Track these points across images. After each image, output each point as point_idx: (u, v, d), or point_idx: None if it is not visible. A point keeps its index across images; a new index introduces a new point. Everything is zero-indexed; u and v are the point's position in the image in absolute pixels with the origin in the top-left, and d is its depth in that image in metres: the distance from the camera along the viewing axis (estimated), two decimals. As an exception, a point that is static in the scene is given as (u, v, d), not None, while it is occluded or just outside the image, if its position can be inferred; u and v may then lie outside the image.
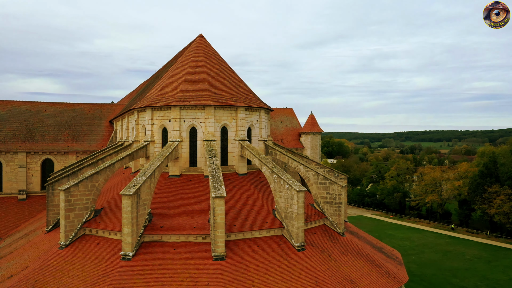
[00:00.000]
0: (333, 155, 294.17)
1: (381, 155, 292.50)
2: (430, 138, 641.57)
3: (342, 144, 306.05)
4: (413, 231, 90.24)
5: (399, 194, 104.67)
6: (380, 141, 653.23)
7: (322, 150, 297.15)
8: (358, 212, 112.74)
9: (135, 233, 27.67)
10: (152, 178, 29.91)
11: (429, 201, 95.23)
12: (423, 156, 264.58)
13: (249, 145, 35.21)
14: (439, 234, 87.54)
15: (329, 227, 34.50)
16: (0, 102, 52.43)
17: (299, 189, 29.51)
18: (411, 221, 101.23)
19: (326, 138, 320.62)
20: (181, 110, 34.82)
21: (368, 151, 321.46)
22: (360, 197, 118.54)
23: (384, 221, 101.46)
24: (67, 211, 30.04)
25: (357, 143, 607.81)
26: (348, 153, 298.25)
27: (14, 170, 48.64)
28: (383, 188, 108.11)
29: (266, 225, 30.61)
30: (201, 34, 41.96)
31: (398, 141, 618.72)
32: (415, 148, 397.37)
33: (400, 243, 79.24)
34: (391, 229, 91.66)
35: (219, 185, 28.23)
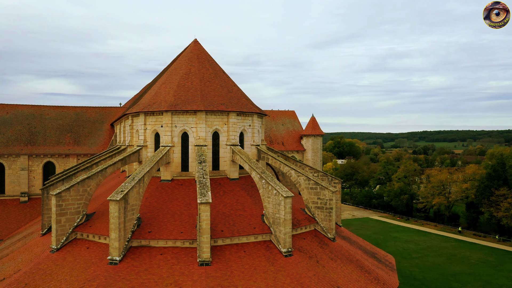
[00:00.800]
0: (344, 155, 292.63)
1: (392, 155, 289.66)
2: (444, 138, 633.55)
3: (353, 145, 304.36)
4: (419, 233, 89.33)
5: (406, 196, 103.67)
6: (393, 141, 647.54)
7: (332, 151, 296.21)
8: (365, 214, 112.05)
9: (122, 238, 28.04)
10: (141, 183, 30.27)
11: (436, 204, 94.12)
12: (435, 156, 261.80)
13: (240, 150, 35.37)
14: (446, 237, 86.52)
15: (320, 232, 34.45)
16: (4, 106, 53.55)
17: (286, 195, 29.55)
18: (418, 223, 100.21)
19: (337, 138, 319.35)
20: (173, 116, 35.16)
21: (380, 152, 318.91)
22: (367, 199, 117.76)
23: (390, 223, 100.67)
24: (58, 215, 30.58)
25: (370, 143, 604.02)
26: (359, 154, 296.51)
27: (16, 172, 49.62)
28: (390, 190, 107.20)
29: (254, 231, 30.73)
30: (195, 39, 42.26)
31: (411, 141, 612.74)
32: (428, 149, 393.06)
33: (405, 246, 78.56)
34: (396, 232, 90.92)
35: (205, 191, 28.45)
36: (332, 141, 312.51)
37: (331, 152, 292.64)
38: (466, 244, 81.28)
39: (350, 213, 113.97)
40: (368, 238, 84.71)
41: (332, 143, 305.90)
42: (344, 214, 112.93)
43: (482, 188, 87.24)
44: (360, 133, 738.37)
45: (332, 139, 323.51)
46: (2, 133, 50.68)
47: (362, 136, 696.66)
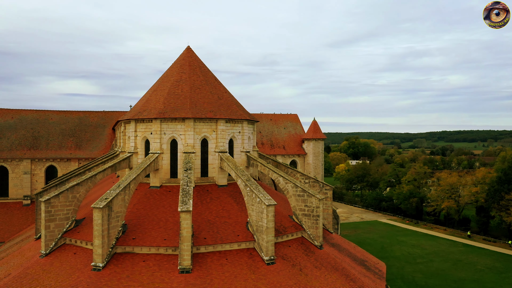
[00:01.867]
0: (359, 156, 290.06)
1: (408, 156, 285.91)
2: (464, 139, 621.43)
3: (368, 145, 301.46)
4: (427, 238, 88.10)
5: (416, 199, 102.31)
6: (411, 141, 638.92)
7: (347, 151, 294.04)
8: (374, 217, 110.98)
9: (106, 245, 28.60)
10: (126, 190, 30.80)
11: (445, 207, 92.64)
12: (452, 158, 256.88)
13: (227, 157, 35.63)
14: (454, 241, 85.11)
15: (307, 239, 34.43)
16: (9, 111, 55.09)
17: (269, 203, 29.68)
18: (427, 227, 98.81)
19: (352, 139, 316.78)
20: (162, 123, 35.65)
21: (396, 152, 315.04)
22: (377, 201, 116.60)
23: (398, 226, 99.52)
24: (47, 221, 31.36)
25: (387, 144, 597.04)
26: (374, 154, 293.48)
27: (19, 176, 51.00)
28: (399, 192, 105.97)
29: (237, 238, 30.95)
30: (188, 46, 42.69)
31: (430, 142, 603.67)
32: (446, 149, 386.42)
33: (410, 251, 77.63)
34: (404, 236, 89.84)
35: (187, 199, 28.80)
36: (347, 142, 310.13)
37: (346, 153, 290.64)
38: (474, 249, 79.81)
39: (359, 215, 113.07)
40: (374, 242, 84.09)
41: (347, 144, 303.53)
42: (353, 216, 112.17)
43: (492, 192, 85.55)
44: (378, 133, 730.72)
45: (347, 140, 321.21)
46: (7, 137, 52.14)
47: (380, 136, 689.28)
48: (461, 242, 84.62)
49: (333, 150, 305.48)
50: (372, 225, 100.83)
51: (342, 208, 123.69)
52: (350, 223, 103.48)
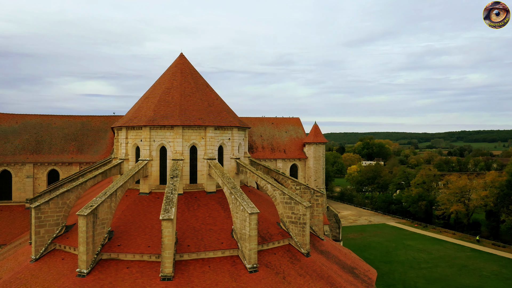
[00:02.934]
0: (373, 157, 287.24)
1: (423, 157, 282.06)
2: (483, 139, 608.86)
3: (383, 146, 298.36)
4: (434, 242, 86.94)
5: (424, 203, 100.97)
6: (429, 142, 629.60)
7: (361, 152, 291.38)
8: (382, 220, 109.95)
9: (90, 251, 29.18)
10: (113, 197, 31.36)
11: (454, 211, 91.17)
12: (468, 159, 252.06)
13: (215, 164, 35.92)
14: (462, 246, 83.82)
15: (293, 247, 34.45)
16: (14, 115, 56.52)
17: (251, 211, 29.84)
18: (436, 231, 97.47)
19: (366, 139, 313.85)
20: (151, 130, 36.15)
21: (411, 153, 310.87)
22: (386, 204, 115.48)
23: (406, 230, 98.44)
24: (37, 227, 32.13)
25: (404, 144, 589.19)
26: (389, 155, 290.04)
27: (22, 180, 52.31)
28: (408, 195, 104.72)
29: (221, 246, 31.20)
30: (181, 53, 43.10)
31: (448, 142, 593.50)
32: (464, 150, 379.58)
33: (416, 255, 76.78)
34: (411, 239, 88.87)
35: (170, 207, 29.16)
36: (361, 142, 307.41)
37: (360, 153, 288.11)
38: (482, 254, 78.47)
39: (367, 218, 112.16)
40: (379, 246, 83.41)
41: (361, 144, 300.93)
42: (360, 219, 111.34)
43: (502, 196, 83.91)
44: (395, 133, 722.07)
45: (362, 140, 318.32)
46: (11, 142, 53.51)
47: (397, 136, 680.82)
48: (469, 247, 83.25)
49: (348, 151, 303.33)
50: (379, 228, 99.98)
51: (351, 211, 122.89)
52: (357, 226, 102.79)
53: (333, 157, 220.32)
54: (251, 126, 65.03)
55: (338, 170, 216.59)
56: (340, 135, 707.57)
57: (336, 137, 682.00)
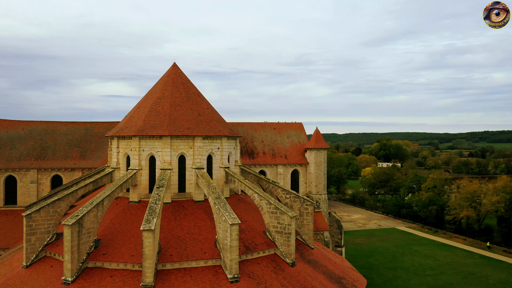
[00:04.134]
0: (390, 158, 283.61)
1: (442, 159, 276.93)
2: (508, 139, 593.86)
3: (400, 147, 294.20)
4: (443, 248, 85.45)
5: (435, 207, 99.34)
6: (451, 142, 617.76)
7: (378, 154, 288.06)
8: (392, 224, 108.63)
9: (75, 260, 30.00)
10: (99, 207, 32.14)
11: (464, 216, 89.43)
12: (488, 161, 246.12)
13: (202, 174, 36.37)
14: (471, 252, 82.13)
15: (279, 256, 34.62)
16: (20, 122, 58.28)
17: (232, 222, 30.16)
18: (446, 236, 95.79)
19: (383, 140, 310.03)
20: (140, 140, 36.86)
21: (429, 154, 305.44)
22: (397, 208, 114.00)
23: (415, 235, 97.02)
24: (28, 234, 33.18)
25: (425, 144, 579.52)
26: (406, 156, 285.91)
27: (27, 185, 53.90)
28: (419, 199, 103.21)
29: (204, 255, 31.60)
30: (174, 63, 43.73)
31: (470, 142, 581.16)
32: (486, 151, 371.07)
33: (422, 262, 75.64)
34: (419, 245, 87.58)
35: (151, 217, 29.72)
36: (378, 143, 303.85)
37: (376, 155, 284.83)
38: (491, 261, 76.75)
39: (377, 222, 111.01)
40: (385, 251, 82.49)
41: (378, 146, 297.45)
42: (370, 223, 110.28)
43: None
44: (415, 133, 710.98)
45: (379, 141, 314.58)
46: (16, 148, 55.21)
47: (417, 137, 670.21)
48: (478, 253, 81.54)
49: (364, 152, 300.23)
50: (388, 233, 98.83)
51: (361, 214, 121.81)
52: (365, 231, 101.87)
53: (348, 159, 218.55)
54: (253, 132, 65.45)
55: (353, 172, 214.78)
56: (358, 135, 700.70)
57: (355, 138, 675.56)
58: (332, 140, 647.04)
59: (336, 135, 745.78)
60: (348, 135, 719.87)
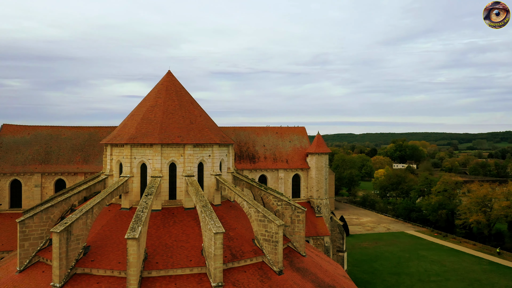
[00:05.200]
0: (406, 159, 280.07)
1: (459, 160, 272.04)
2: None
3: (416, 148, 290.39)
4: (451, 253, 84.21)
5: (445, 211, 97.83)
6: (471, 142, 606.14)
7: (393, 155, 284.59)
8: (402, 228, 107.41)
9: (64, 266, 30.73)
10: (89, 214, 32.84)
11: (473, 221, 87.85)
12: (507, 162, 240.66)
13: (192, 181, 36.79)
14: (480, 258, 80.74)
15: (266, 264, 34.77)
16: (27, 127, 59.80)
17: (216, 231, 30.44)
18: (455, 241, 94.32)
19: (399, 141, 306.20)
20: (132, 148, 37.50)
21: (446, 155, 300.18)
22: (407, 211, 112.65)
23: (424, 239, 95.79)
24: (22, 240, 34.13)
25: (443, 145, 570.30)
26: (422, 158, 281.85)
27: (31, 189, 55.28)
28: (428, 203, 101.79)
29: (189, 263, 31.98)
30: (169, 71, 44.27)
31: (491, 143, 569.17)
32: (507, 152, 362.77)
33: (428, 267, 74.74)
34: (427, 250, 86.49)
35: (137, 226, 30.22)
36: (394, 144, 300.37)
37: (392, 156, 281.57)
38: (500, 268, 75.34)
39: (386, 226, 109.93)
40: (391, 256, 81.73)
41: (393, 147, 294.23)
42: (379, 227, 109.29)
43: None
44: (434, 133, 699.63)
45: (394, 142, 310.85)
46: (22, 152, 56.67)
47: (436, 137, 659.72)
48: (487, 259, 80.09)
49: (380, 153, 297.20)
50: (396, 237, 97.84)
51: (371, 217, 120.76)
52: (373, 234, 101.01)
53: (362, 160, 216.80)
54: (255, 136, 65.66)
55: (367, 173, 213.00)
56: (375, 135, 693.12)
57: (372, 138, 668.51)
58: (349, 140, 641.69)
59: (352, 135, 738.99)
60: (365, 135, 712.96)
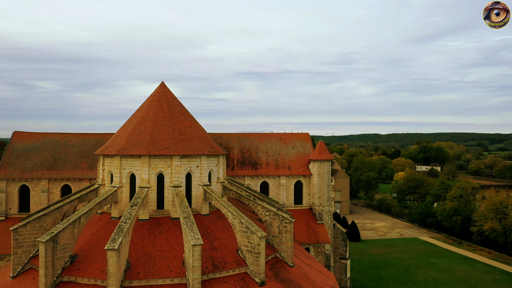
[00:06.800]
0: (430, 161, 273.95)
1: (486, 162, 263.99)
2: None
3: (441, 150, 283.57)
4: (463, 261, 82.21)
5: (460, 218, 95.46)
6: (502, 143, 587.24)
7: (417, 156, 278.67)
8: (416, 234, 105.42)
9: (50, 274, 31.98)
10: (76, 224, 34.02)
11: (488, 229, 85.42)
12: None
13: (177, 192, 37.53)
14: (493, 267, 78.55)
15: (249, 275, 35.13)
16: (36, 134, 62.16)
17: (195, 243, 31.04)
18: (470, 248, 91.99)
19: (423, 142, 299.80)
20: (122, 159, 38.57)
21: (473, 157, 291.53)
22: (422, 217, 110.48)
23: (437, 246, 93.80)
24: (15, 247, 35.69)
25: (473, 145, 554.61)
26: (447, 160, 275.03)
27: (38, 194, 57.45)
28: (443, 209, 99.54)
29: (170, 274, 32.67)
30: (162, 82, 45.19)
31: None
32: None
33: (436, 276, 73.30)
34: (438, 257, 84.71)
35: (118, 236, 31.13)
36: (418, 146, 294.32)
37: (415, 158, 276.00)
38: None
39: (400, 231, 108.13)
40: (401, 263, 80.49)
41: (417, 148, 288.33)
42: (392, 232, 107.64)
43: (540, 215, 77.39)
44: (463, 133, 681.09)
45: (418, 143, 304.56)
46: (31, 159, 58.97)
47: (465, 137, 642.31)
48: (501, 268, 77.86)
49: (403, 155, 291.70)
50: (408, 243, 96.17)
51: (385, 222, 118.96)
52: (385, 240, 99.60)
53: (382, 162, 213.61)
54: (258, 143, 66.00)
55: (387, 176, 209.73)
56: (402, 135, 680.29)
57: (398, 138, 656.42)
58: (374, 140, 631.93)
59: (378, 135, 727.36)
60: (391, 135, 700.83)
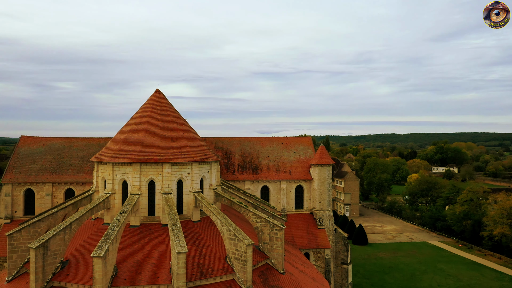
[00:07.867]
0: (447, 162, 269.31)
1: (505, 163, 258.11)
2: None
3: (458, 151, 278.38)
4: (472, 267, 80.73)
5: (470, 222, 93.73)
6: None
7: (434, 157, 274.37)
8: (425, 237, 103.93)
9: (40, 280, 32.84)
10: (67, 230, 34.81)
11: (498, 234, 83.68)
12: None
13: (167, 199, 37.99)
14: (502, 274, 76.96)
15: (236, 283, 35.36)
16: (42, 139, 63.68)
17: (179, 250, 31.43)
18: (480, 253, 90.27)
19: (440, 143, 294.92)
20: (114, 166, 39.26)
21: (491, 158, 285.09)
22: (432, 220, 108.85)
23: (446, 251, 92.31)
24: (10, 252, 36.70)
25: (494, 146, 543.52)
26: (465, 161, 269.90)
27: (43, 197, 58.87)
28: (453, 213, 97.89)
29: (156, 281, 33.12)
30: (157, 89, 45.71)
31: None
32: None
33: (442, 282, 72.22)
34: (446, 262, 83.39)
35: (104, 244, 31.74)
36: (434, 147, 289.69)
37: (432, 159, 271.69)
38: (521, 285, 71.37)
39: (409, 235, 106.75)
40: (406, 268, 79.55)
41: (434, 149, 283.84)
42: (401, 236, 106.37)
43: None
44: (484, 133, 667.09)
45: (435, 144, 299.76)
46: (36, 163, 60.46)
47: (486, 137, 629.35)
48: (509, 275, 76.25)
49: (419, 156, 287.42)
50: (417, 248, 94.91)
51: (395, 225, 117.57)
52: (393, 244, 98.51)
53: (396, 163, 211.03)
54: (260, 147, 66.15)
55: (402, 177, 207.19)
56: (420, 135, 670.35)
57: (416, 138, 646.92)
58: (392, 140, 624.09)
59: (396, 135, 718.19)
60: (409, 135, 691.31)
